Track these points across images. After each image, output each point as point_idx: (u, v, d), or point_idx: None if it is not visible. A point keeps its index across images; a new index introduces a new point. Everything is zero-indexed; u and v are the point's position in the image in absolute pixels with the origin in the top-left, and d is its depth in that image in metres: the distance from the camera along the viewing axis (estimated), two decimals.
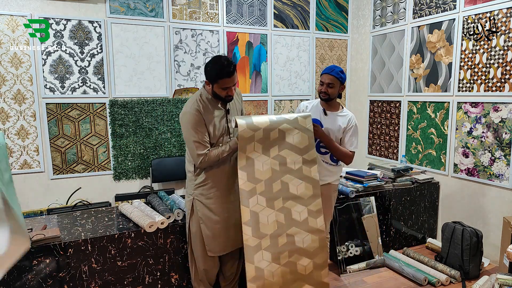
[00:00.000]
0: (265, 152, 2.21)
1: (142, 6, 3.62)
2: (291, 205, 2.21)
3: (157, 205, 2.61)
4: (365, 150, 4.53)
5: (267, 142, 2.22)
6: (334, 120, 2.48)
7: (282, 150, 2.24)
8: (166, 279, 2.49)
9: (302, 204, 2.22)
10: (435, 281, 2.80)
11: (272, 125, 2.22)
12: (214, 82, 2.12)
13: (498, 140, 3.05)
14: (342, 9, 4.58)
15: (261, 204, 2.16)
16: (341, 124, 2.47)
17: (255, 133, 2.17)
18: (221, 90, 2.14)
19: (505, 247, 2.71)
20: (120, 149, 3.65)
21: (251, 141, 2.17)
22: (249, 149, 2.18)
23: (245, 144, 2.17)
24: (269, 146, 2.22)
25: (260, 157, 2.20)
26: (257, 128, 2.18)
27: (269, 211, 2.17)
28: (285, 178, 2.23)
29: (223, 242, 2.32)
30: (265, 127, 2.21)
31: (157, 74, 3.75)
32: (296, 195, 2.22)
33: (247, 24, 4.10)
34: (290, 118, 2.28)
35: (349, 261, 3.07)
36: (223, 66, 2.07)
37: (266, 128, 2.21)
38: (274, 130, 2.23)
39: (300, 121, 2.28)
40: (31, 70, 3.29)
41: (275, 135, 2.23)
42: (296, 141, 2.26)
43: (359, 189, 3.21)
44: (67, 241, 2.18)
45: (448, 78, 3.43)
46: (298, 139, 2.26)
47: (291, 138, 2.26)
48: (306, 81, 4.48)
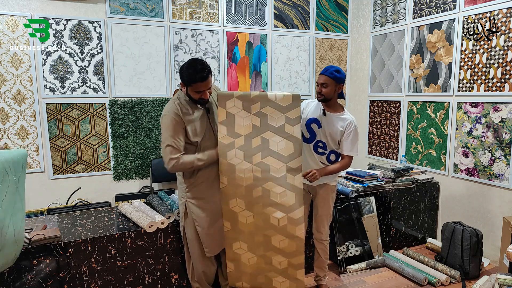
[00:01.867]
0: (247, 158, 2.19)
1: (142, 6, 3.62)
2: (271, 211, 2.19)
3: (157, 205, 2.61)
4: (365, 150, 4.53)
5: (249, 148, 2.19)
6: (333, 122, 2.43)
7: (265, 157, 2.19)
8: (166, 279, 2.49)
9: (282, 211, 2.19)
10: (435, 281, 2.80)
11: (254, 132, 2.20)
12: (188, 85, 2.11)
13: (498, 140, 3.05)
14: (342, 9, 4.58)
15: (240, 206, 2.20)
16: (340, 127, 2.41)
17: (235, 140, 2.17)
18: (195, 93, 2.13)
19: (505, 247, 2.70)
20: (120, 149, 3.65)
21: (231, 148, 2.18)
22: (229, 155, 2.17)
23: (225, 151, 2.17)
24: (251, 153, 2.19)
25: (241, 163, 2.18)
26: (237, 135, 2.18)
27: (247, 213, 2.21)
28: (266, 185, 2.19)
29: (219, 240, 2.33)
30: (246, 134, 2.19)
31: (157, 74, 3.75)
32: (277, 203, 2.19)
33: (247, 24, 4.10)
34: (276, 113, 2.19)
35: (349, 261, 3.07)
36: (196, 71, 2.05)
37: (248, 135, 2.19)
38: (257, 138, 2.20)
39: (286, 128, 2.20)
40: (31, 70, 3.29)
41: (257, 142, 2.20)
42: (280, 148, 2.20)
43: (359, 189, 3.21)
44: (67, 241, 2.18)
45: (448, 78, 3.43)
46: (283, 146, 2.19)
47: (274, 145, 2.20)
48: (306, 81, 4.47)
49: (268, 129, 2.20)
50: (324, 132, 2.45)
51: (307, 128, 2.51)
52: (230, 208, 2.22)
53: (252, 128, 2.20)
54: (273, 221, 2.19)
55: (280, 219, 2.18)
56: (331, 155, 2.48)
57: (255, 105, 2.20)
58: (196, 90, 2.10)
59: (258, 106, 2.20)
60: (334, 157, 2.49)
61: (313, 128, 2.49)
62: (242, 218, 2.21)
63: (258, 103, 2.20)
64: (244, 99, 2.19)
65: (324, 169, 2.41)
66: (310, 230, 2.76)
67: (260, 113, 2.20)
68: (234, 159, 2.18)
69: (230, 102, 2.18)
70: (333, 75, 2.35)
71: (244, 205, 2.20)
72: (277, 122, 2.20)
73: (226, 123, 2.19)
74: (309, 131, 2.50)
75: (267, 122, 2.20)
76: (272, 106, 2.20)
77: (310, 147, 2.50)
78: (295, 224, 2.18)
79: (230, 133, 2.18)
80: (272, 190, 2.19)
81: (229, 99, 2.18)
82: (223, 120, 2.18)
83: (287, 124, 2.20)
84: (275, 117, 2.20)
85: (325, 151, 2.47)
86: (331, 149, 2.47)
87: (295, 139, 2.19)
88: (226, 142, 2.18)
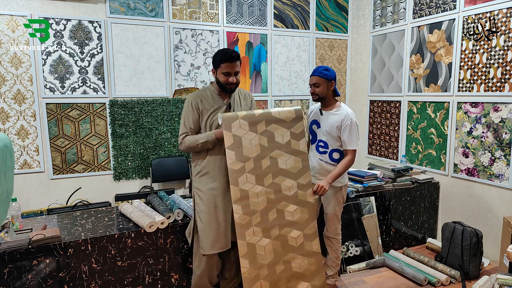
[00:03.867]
0: (258, 182, 2.17)
1: (142, 6, 3.62)
2: (287, 232, 2.18)
3: (157, 205, 2.61)
4: (365, 150, 4.53)
5: (259, 171, 2.18)
6: (329, 119, 2.47)
7: (276, 177, 2.20)
8: (166, 279, 2.49)
9: (298, 229, 2.20)
10: (435, 281, 2.80)
11: (262, 152, 2.19)
12: (217, 67, 2.23)
13: (498, 140, 3.05)
14: (342, 9, 4.58)
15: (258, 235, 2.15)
16: (335, 123, 2.44)
17: (245, 164, 2.16)
18: (222, 76, 2.21)
19: (505, 247, 2.71)
20: (120, 149, 3.65)
21: (242, 172, 2.15)
22: (241, 181, 2.15)
23: (236, 177, 2.14)
24: (262, 175, 2.18)
25: (254, 188, 2.16)
26: (247, 158, 2.16)
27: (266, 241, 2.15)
28: (280, 205, 2.19)
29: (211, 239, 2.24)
30: (255, 156, 2.18)
31: (157, 74, 3.75)
32: (292, 221, 2.19)
33: (247, 24, 4.10)
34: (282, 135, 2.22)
35: (349, 261, 3.07)
36: (226, 52, 2.20)
37: (257, 157, 2.18)
38: (266, 158, 2.20)
39: (293, 144, 2.24)
40: (31, 70, 3.29)
41: (266, 163, 2.20)
42: (289, 166, 2.22)
43: (359, 189, 3.21)
44: (67, 241, 2.18)
45: (448, 78, 3.43)
46: (291, 164, 2.22)
47: (283, 163, 2.22)
48: (306, 81, 4.47)
49: (275, 148, 2.22)
50: (323, 130, 2.50)
51: (309, 131, 2.63)
52: (247, 242, 2.11)
53: (260, 149, 2.20)
54: (291, 242, 2.18)
55: (297, 238, 2.19)
56: (333, 153, 2.50)
57: (260, 125, 2.21)
58: (224, 71, 2.20)
59: (264, 125, 2.22)
60: (337, 155, 2.50)
61: (314, 129, 2.60)
62: (261, 250, 2.13)
63: (263, 122, 2.21)
64: (249, 119, 2.19)
65: (330, 176, 2.42)
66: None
67: (266, 132, 2.22)
68: (246, 185, 2.15)
69: (235, 124, 2.17)
70: (322, 73, 2.43)
71: (261, 233, 2.14)
72: (283, 139, 2.23)
73: (234, 147, 2.15)
74: (311, 132, 2.62)
75: (274, 140, 2.22)
76: (277, 123, 2.24)
77: (313, 148, 2.59)
78: (311, 240, 2.21)
79: (239, 157, 2.15)
80: (286, 210, 2.20)
81: (234, 121, 2.17)
82: (230, 144, 2.14)
83: (293, 140, 2.25)
84: (281, 134, 2.23)
85: (326, 149, 2.50)
86: (333, 148, 2.49)
87: (302, 154, 2.25)
88: (236, 168, 2.14)
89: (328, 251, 2.64)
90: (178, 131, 3.79)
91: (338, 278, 2.69)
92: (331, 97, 2.50)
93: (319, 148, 2.53)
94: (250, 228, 2.13)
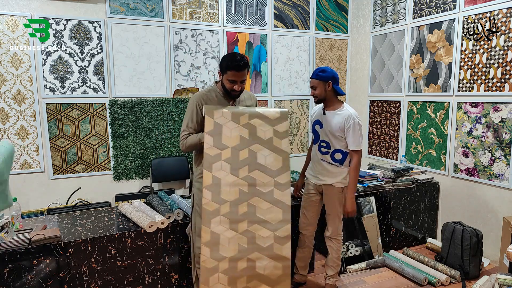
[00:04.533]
0: (233, 171, 2.10)
1: (142, 6, 3.62)
2: (256, 229, 2.09)
3: (157, 205, 2.61)
4: (365, 150, 4.53)
5: (236, 161, 2.12)
6: (332, 119, 2.47)
7: (253, 171, 2.12)
8: (166, 279, 2.49)
9: (269, 229, 2.09)
10: (435, 281, 2.80)
11: (242, 144, 2.14)
12: (224, 72, 2.21)
13: (498, 140, 3.05)
14: (342, 9, 4.58)
15: (224, 225, 2.06)
16: (338, 123, 2.45)
17: (222, 151, 2.11)
18: (228, 82, 2.20)
19: (505, 247, 2.71)
20: (120, 149, 3.65)
21: (218, 159, 2.10)
22: (215, 167, 2.09)
23: (211, 162, 2.08)
24: (238, 166, 2.12)
25: (227, 177, 2.09)
26: (225, 146, 2.12)
27: (232, 233, 2.07)
28: (253, 200, 2.10)
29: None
30: (234, 146, 2.13)
31: (157, 74, 3.75)
32: (263, 219, 2.10)
33: (247, 24, 4.10)
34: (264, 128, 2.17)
35: (349, 261, 3.07)
36: (234, 60, 2.16)
37: (235, 147, 2.13)
38: (244, 150, 2.14)
39: (275, 142, 2.17)
40: (31, 70, 3.29)
41: (244, 155, 2.14)
42: (269, 162, 2.15)
43: (359, 189, 3.21)
44: (67, 241, 2.18)
45: (448, 78, 3.43)
46: (271, 161, 2.15)
47: (263, 158, 2.14)
48: (306, 81, 4.47)
49: (256, 142, 2.16)
50: (325, 131, 2.50)
51: (313, 131, 2.63)
52: (211, 230, 2.04)
53: (240, 140, 2.15)
54: (258, 241, 2.09)
55: (266, 238, 2.09)
56: (335, 154, 2.50)
57: (243, 117, 2.17)
58: (230, 78, 2.18)
59: (247, 118, 2.17)
60: (339, 156, 2.50)
61: (316, 129, 2.59)
62: (225, 241, 2.05)
63: (246, 114, 2.18)
64: (232, 110, 2.18)
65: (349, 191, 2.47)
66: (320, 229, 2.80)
67: (249, 125, 2.16)
68: (220, 172, 2.09)
69: (218, 112, 2.14)
70: (318, 76, 2.45)
71: (228, 224, 2.06)
72: (265, 135, 2.17)
73: (213, 133, 2.11)
74: (314, 133, 2.62)
75: (256, 134, 2.16)
76: (261, 119, 2.18)
77: (315, 148, 2.60)
78: (282, 243, 2.10)
79: (216, 143, 2.11)
80: (259, 206, 2.11)
81: (216, 109, 2.15)
82: (209, 130, 2.11)
83: (276, 137, 2.18)
84: (264, 130, 2.17)
85: (328, 150, 2.50)
86: (336, 148, 2.49)
87: (283, 153, 2.17)
88: (212, 154, 2.10)
89: (329, 251, 2.64)
90: (178, 131, 3.79)
91: (338, 278, 2.69)
92: (332, 97, 2.50)
93: (321, 148, 2.53)
94: (217, 217, 2.06)
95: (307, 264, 2.80)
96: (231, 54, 2.21)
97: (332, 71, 2.47)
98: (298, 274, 2.80)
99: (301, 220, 2.72)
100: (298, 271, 2.79)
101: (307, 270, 2.82)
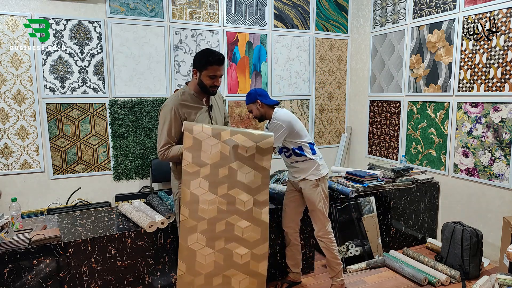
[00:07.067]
0: (212, 189, 2.08)
1: (142, 6, 3.62)
2: (234, 247, 2.09)
3: (157, 205, 2.61)
4: (365, 150, 4.53)
5: (215, 179, 2.08)
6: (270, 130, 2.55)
7: (232, 189, 2.10)
8: (166, 279, 2.49)
9: (246, 246, 2.10)
10: (435, 281, 2.80)
11: (222, 161, 2.10)
12: (203, 68, 2.14)
13: (498, 140, 3.05)
14: (342, 9, 4.58)
15: (201, 243, 2.05)
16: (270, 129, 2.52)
17: (201, 168, 2.07)
18: (208, 79, 2.15)
19: (505, 247, 2.71)
20: (120, 149, 3.65)
21: (196, 176, 2.06)
22: (193, 185, 2.06)
23: (189, 180, 2.05)
24: (217, 184, 2.09)
25: (206, 194, 2.07)
26: (204, 163, 2.08)
27: (208, 250, 2.06)
28: (231, 219, 2.09)
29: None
30: (213, 163, 2.08)
31: (157, 74, 3.75)
32: (241, 237, 2.10)
33: (247, 24, 4.10)
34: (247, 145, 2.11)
35: (349, 261, 3.07)
36: (214, 54, 2.13)
37: (215, 164, 2.08)
38: (224, 167, 2.10)
39: (256, 158, 2.14)
40: (31, 70, 3.29)
41: (224, 172, 2.10)
42: (248, 180, 2.12)
43: (359, 189, 3.21)
44: (67, 241, 2.18)
45: (448, 78, 3.43)
46: (251, 178, 2.12)
47: (243, 176, 2.12)
48: (306, 81, 4.48)
49: (237, 159, 2.11)
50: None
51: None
52: (188, 246, 2.04)
53: (220, 157, 2.10)
54: (235, 258, 2.09)
55: (243, 256, 2.10)
56: (295, 151, 2.56)
57: (225, 133, 2.11)
58: (211, 74, 2.13)
59: (229, 133, 2.12)
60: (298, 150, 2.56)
61: None
62: (201, 258, 2.05)
63: (228, 130, 2.13)
64: (214, 126, 2.14)
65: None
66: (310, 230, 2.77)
67: (230, 141, 2.11)
68: (198, 189, 2.06)
69: (197, 128, 2.09)
70: (247, 100, 2.57)
71: (205, 241, 2.05)
72: (247, 151, 2.13)
73: (192, 150, 2.06)
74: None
75: (237, 151, 2.11)
76: (244, 135, 2.14)
77: (283, 156, 2.67)
78: (258, 261, 2.11)
79: (195, 160, 2.06)
80: (237, 224, 2.10)
81: (196, 125, 2.11)
82: (188, 146, 2.06)
83: (258, 154, 2.14)
84: (246, 146, 2.13)
85: (289, 152, 2.58)
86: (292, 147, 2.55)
87: (264, 170, 2.15)
88: (191, 171, 2.05)
89: (324, 253, 2.64)
90: None
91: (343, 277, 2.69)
92: (269, 110, 2.57)
93: (285, 154, 2.62)
94: (194, 234, 2.05)
95: (298, 262, 2.80)
96: (207, 50, 2.15)
97: (255, 90, 2.56)
98: (291, 272, 2.81)
99: (283, 216, 2.76)
100: (291, 270, 2.80)
101: (300, 267, 2.82)
